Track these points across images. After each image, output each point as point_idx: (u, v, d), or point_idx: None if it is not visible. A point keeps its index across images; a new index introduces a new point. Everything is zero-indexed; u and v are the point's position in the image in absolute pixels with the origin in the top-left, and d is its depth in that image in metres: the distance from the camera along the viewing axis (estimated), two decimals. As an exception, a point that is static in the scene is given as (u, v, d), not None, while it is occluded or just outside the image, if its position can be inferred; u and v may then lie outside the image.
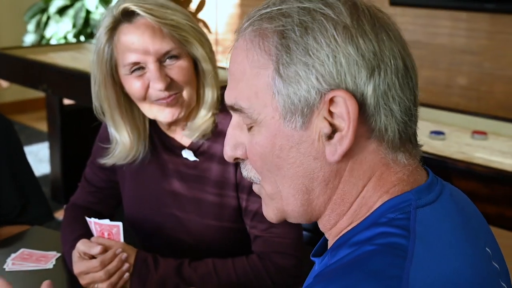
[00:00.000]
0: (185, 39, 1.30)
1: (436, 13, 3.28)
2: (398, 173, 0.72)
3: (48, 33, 4.75)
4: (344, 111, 0.68)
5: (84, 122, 3.60)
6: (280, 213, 0.77)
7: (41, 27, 4.82)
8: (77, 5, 4.73)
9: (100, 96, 1.37)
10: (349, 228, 0.74)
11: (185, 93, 1.33)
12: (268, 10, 0.72)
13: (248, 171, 0.79)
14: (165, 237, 1.46)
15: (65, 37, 4.71)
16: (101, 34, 1.32)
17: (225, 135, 1.35)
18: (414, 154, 0.74)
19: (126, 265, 1.32)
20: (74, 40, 4.68)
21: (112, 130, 1.41)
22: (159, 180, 1.44)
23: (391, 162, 0.72)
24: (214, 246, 1.42)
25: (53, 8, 4.74)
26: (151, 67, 1.29)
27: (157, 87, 1.29)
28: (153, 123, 1.43)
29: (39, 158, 4.48)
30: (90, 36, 4.71)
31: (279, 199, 0.76)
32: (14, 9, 5.47)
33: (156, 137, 1.45)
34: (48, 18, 4.77)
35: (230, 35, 5.02)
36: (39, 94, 5.21)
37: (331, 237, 0.77)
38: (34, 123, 5.11)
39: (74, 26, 4.70)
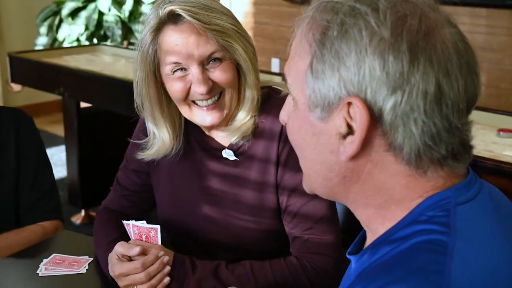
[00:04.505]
0: (229, 44, 1.30)
1: (456, 10, 3.24)
2: (430, 181, 0.72)
3: (60, 35, 4.75)
4: (358, 118, 0.69)
5: (101, 125, 3.63)
6: (310, 189, 0.82)
7: (53, 30, 4.82)
8: (90, 7, 4.73)
9: (142, 94, 1.37)
10: (385, 226, 0.74)
11: (226, 96, 1.34)
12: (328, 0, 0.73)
13: None
14: (200, 239, 1.45)
15: (77, 40, 4.71)
16: (146, 33, 1.32)
17: (266, 135, 1.36)
18: (450, 168, 0.73)
19: (167, 268, 1.31)
20: (87, 43, 4.68)
21: (151, 126, 1.41)
22: (196, 181, 1.44)
23: (417, 175, 0.72)
24: (250, 248, 1.41)
25: (65, 11, 4.73)
26: (194, 70, 1.29)
27: (199, 91, 1.29)
28: (190, 122, 1.42)
29: (54, 162, 4.47)
30: (103, 38, 4.71)
31: (307, 176, 0.80)
32: (26, 12, 5.47)
33: (193, 138, 1.44)
34: (61, 20, 4.77)
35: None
36: (51, 97, 5.21)
37: (370, 234, 0.79)
38: (47, 127, 5.10)
39: (86, 28, 4.70)
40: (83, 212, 3.54)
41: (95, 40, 4.71)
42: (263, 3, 4.89)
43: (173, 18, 1.29)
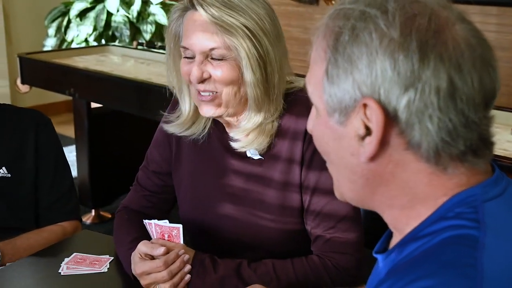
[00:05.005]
0: (234, 45, 1.28)
1: (466, 8, 3.24)
2: (453, 179, 0.73)
3: (69, 36, 4.76)
4: (374, 119, 0.70)
5: (111, 125, 3.63)
6: (340, 196, 0.83)
7: (61, 31, 4.83)
8: (98, 7, 4.74)
9: (170, 66, 1.42)
10: (411, 225, 0.75)
11: (223, 94, 1.33)
12: (341, 7, 0.75)
13: None
14: (222, 239, 1.45)
15: (86, 40, 4.71)
16: (175, 11, 1.35)
17: (290, 135, 1.36)
18: (471, 164, 0.73)
19: (187, 267, 1.32)
20: (95, 43, 4.69)
21: (178, 98, 1.44)
22: (218, 180, 1.44)
23: (439, 172, 0.73)
24: (273, 247, 1.41)
25: (73, 11, 4.74)
26: (196, 57, 1.31)
27: (192, 76, 1.30)
28: (213, 120, 1.43)
29: (63, 161, 4.49)
30: (111, 38, 4.72)
31: (336, 181, 0.82)
32: (34, 13, 5.48)
33: (215, 136, 1.44)
34: (69, 21, 4.78)
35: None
36: (59, 98, 5.21)
37: (395, 234, 0.79)
38: (56, 128, 5.10)
39: (95, 29, 4.71)
40: (93, 212, 3.55)
41: (103, 41, 4.71)
42: (271, 2, 4.89)
43: (193, 5, 1.30)
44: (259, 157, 1.39)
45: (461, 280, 0.65)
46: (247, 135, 1.37)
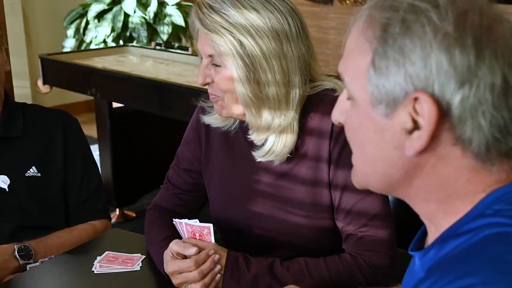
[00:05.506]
0: (217, 45, 1.30)
1: (506, 8, 3.23)
2: (493, 175, 0.73)
3: (87, 37, 4.81)
4: (425, 113, 0.70)
5: (133, 124, 3.67)
6: (362, 184, 0.82)
7: (80, 32, 4.88)
8: (115, 9, 4.78)
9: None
10: (448, 221, 0.75)
11: (225, 99, 1.35)
12: None
13: None
14: (252, 237, 1.46)
15: (104, 41, 4.76)
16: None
17: (316, 133, 1.37)
18: None
19: (218, 267, 1.33)
20: (113, 44, 4.73)
21: None
22: (247, 178, 1.45)
23: (481, 169, 0.73)
24: (303, 245, 1.42)
25: (91, 13, 4.79)
26: (203, 60, 1.36)
27: (198, 79, 1.36)
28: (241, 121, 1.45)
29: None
30: (129, 39, 4.76)
31: (362, 172, 0.81)
32: (52, 15, 5.54)
33: (242, 135, 1.45)
34: (87, 23, 4.83)
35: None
36: (79, 98, 5.26)
37: (432, 229, 0.78)
38: (75, 127, 5.15)
39: (113, 30, 4.75)
40: (117, 211, 3.59)
41: (121, 42, 4.76)
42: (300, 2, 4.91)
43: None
44: (288, 155, 1.40)
45: (504, 277, 0.65)
46: (265, 140, 1.37)
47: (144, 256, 1.52)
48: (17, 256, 1.58)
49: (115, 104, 3.55)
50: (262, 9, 1.30)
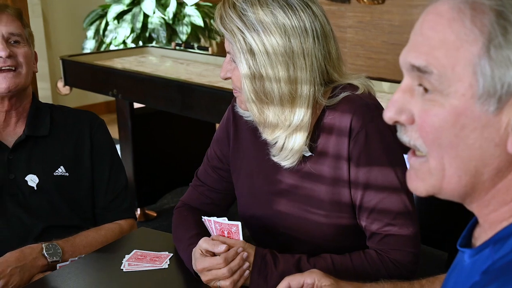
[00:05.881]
0: (235, 56, 1.35)
1: None
2: None
3: (107, 38, 4.84)
4: None
5: (154, 125, 3.69)
6: (433, 190, 0.75)
7: (100, 33, 4.91)
8: (135, 10, 4.81)
9: None
10: (510, 220, 0.72)
11: (242, 94, 1.37)
12: None
13: (412, 139, 0.75)
14: (276, 234, 1.48)
15: (123, 42, 4.79)
16: None
17: (335, 131, 1.36)
18: None
19: (246, 264, 1.34)
20: (132, 45, 4.76)
21: None
22: (271, 176, 1.46)
23: None
24: (324, 242, 1.43)
25: (111, 14, 4.82)
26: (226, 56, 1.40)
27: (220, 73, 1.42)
28: None
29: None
30: (148, 40, 4.79)
31: (441, 177, 0.73)
32: (72, 17, 5.59)
33: None
34: (107, 24, 4.86)
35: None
36: (99, 99, 5.32)
37: (488, 225, 0.75)
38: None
39: (132, 31, 4.78)
40: (138, 211, 3.61)
41: (140, 43, 4.79)
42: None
43: None
44: (310, 153, 1.41)
45: None
46: (275, 139, 1.38)
47: (171, 254, 1.53)
48: (45, 255, 1.60)
49: (136, 105, 3.57)
50: (279, 9, 1.31)
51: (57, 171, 1.75)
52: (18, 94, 1.72)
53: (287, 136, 1.36)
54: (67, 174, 1.75)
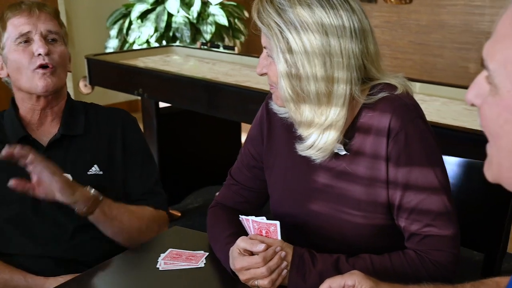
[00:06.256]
0: (272, 52, 1.34)
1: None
2: None
3: (130, 38, 4.86)
4: None
5: (179, 124, 3.70)
6: (496, 179, 0.78)
7: (123, 32, 4.93)
8: (159, 9, 4.81)
9: None
10: None
11: (278, 90, 1.37)
12: None
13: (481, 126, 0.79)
14: (310, 234, 1.47)
15: (147, 41, 4.80)
16: None
17: (373, 131, 1.35)
18: None
19: (284, 263, 1.34)
20: (156, 44, 4.77)
21: None
22: (305, 175, 1.45)
23: None
24: (359, 243, 1.42)
25: (134, 13, 4.83)
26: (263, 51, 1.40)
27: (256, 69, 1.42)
28: None
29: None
30: (172, 39, 4.79)
31: (498, 166, 0.76)
32: (95, 16, 5.62)
33: None
34: (130, 23, 4.87)
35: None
36: (121, 98, 5.34)
37: None
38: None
39: (156, 30, 4.78)
40: (163, 210, 3.61)
41: (164, 42, 4.79)
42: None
43: None
44: (345, 152, 1.40)
45: None
46: (309, 135, 1.37)
47: (207, 253, 1.52)
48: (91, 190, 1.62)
49: (161, 104, 3.58)
50: (317, 5, 1.30)
51: (91, 170, 1.75)
52: (54, 94, 1.72)
53: (320, 133, 1.35)
54: (101, 172, 1.75)
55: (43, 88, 1.68)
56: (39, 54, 1.66)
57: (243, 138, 4.15)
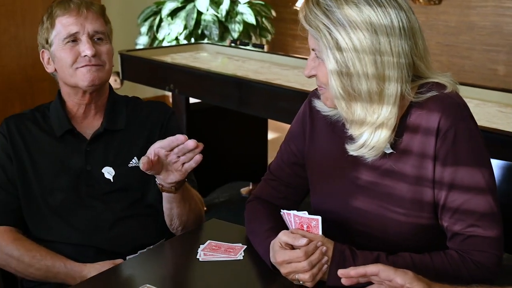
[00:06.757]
0: (322, 53, 1.35)
1: None
2: None
3: (160, 35, 4.91)
4: None
5: (208, 121, 3.74)
6: None
7: (153, 29, 4.99)
8: (189, 7, 4.87)
9: None
10: None
11: (329, 90, 1.37)
12: None
13: None
14: (351, 231, 1.48)
15: (176, 39, 4.85)
16: None
17: (422, 130, 1.36)
18: None
19: (325, 258, 1.35)
20: (185, 41, 4.82)
21: None
22: (349, 172, 1.46)
23: None
24: (401, 241, 1.42)
25: (165, 11, 4.89)
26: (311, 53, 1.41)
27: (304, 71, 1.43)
28: None
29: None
30: (200, 37, 4.84)
31: None
32: (127, 13, 5.68)
33: (345, 129, 1.45)
34: (161, 20, 4.93)
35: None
36: (149, 93, 5.38)
37: None
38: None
39: (185, 27, 4.84)
40: (190, 205, 3.65)
41: (192, 39, 4.84)
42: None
43: None
44: (391, 151, 1.41)
45: None
46: (361, 134, 1.37)
47: (245, 246, 1.55)
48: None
49: (191, 100, 3.62)
50: (364, 4, 1.31)
51: (131, 162, 1.79)
52: (98, 89, 1.77)
53: (372, 131, 1.36)
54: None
55: (89, 83, 1.72)
56: (85, 55, 1.71)
57: (270, 135, 4.18)
